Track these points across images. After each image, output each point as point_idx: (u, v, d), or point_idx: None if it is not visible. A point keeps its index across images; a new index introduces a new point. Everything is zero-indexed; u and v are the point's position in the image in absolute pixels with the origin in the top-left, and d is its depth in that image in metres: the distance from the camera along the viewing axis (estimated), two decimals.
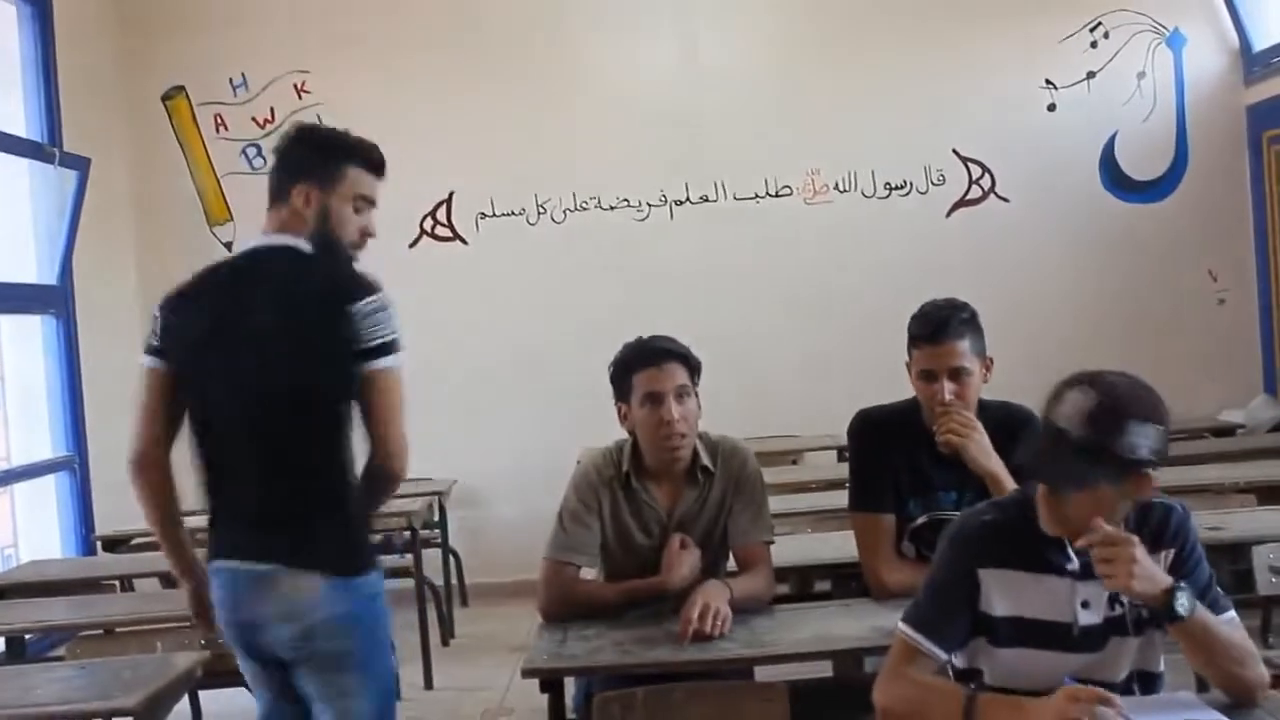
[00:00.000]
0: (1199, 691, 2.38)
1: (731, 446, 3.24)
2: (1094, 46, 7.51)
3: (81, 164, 6.52)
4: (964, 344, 3.01)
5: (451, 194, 7.51)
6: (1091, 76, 7.51)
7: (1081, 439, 2.12)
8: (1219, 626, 2.17)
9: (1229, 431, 6.99)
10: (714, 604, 2.84)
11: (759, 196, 7.52)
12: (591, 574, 3.33)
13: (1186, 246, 7.50)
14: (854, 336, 7.21)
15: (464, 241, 7.53)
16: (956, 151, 7.51)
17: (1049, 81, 7.51)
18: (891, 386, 3.33)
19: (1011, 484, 2.81)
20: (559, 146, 7.45)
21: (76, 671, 3.09)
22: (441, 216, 7.52)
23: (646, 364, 3.11)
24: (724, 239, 7.45)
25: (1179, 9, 7.51)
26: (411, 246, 7.49)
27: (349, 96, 7.35)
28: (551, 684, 2.81)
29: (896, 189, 7.53)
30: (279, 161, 3.00)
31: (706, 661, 2.72)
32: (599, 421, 3.31)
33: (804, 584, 3.72)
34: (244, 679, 2.92)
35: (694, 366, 3.15)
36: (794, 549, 3.81)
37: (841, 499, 3.30)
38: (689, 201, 7.51)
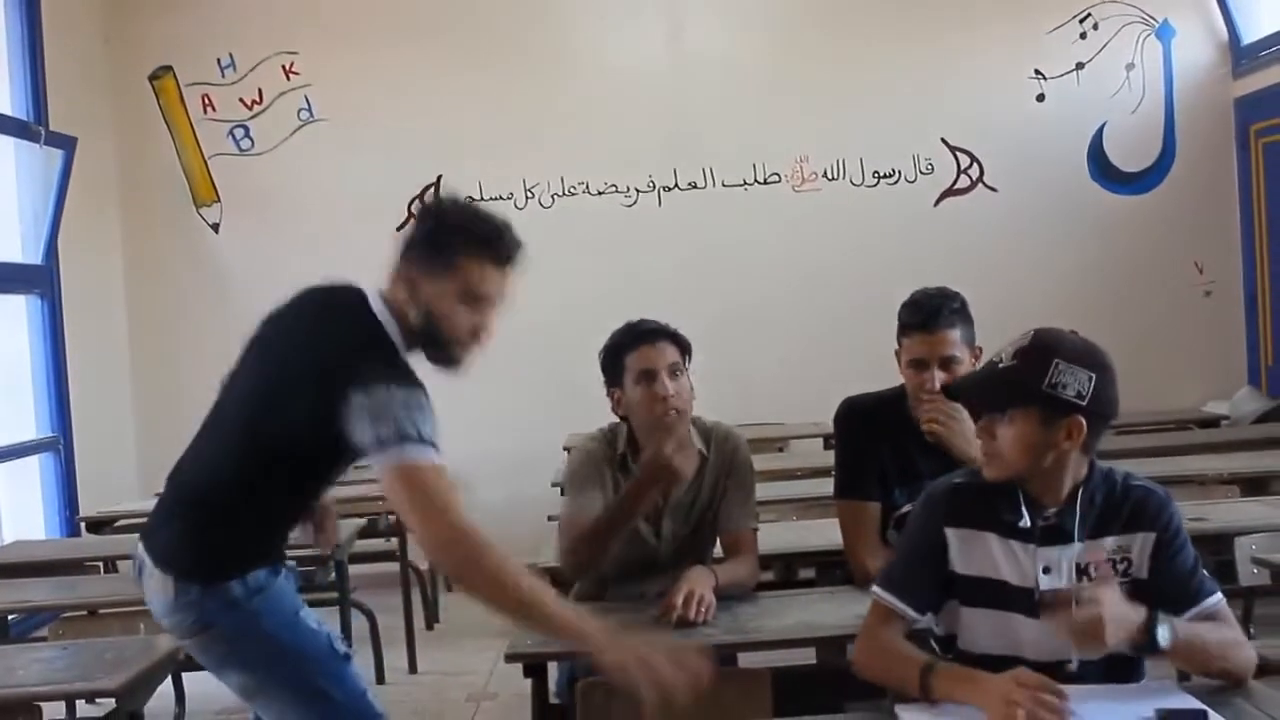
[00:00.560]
0: (1180, 681, 2.39)
1: (725, 432, 3.24)
2: (1083, 38, 7.52)
3: (68, 143, 6.49)
4: (955, 333, 3.01)
5: (439, 177, 7.48)
6: (1080, 68, 7.52)
7: (1007, 368, 2.21)
8: (1202, 635, 2.17)
9: (1213, 423, 7.02)
10: (699, 590, 2.84)
11: (747, 183, 7.52)
12: None
13: (1173, 238, 7.53)
14: (841, 324, 7.23)
15: None
16: (945, 141, 7.52)
17: (1038, 72, 7.52)
18: (879, 374, 3.33)
19: None
20: (547, 131, 7.43)
21: (59, 652, 3.08)
22: (429, 200, 7.49)
23: (638, 343, 3.09)
24: (712, 225, 7.45)
25: (1168, 1, 7.52)
26: (399, 230, 7.42)
27: (337, 78, 7.35)
28: (535, 669, 2.81)
29: (885, 178, 7.53)
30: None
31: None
32: (586, 407, 3.30)
33: (788, 571, 3.72)
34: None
35: (684, 346, 3.14)
36: (779, 536, 3.81)
37: (827, 487, 3.30)
38: (677, 188, 7.51)
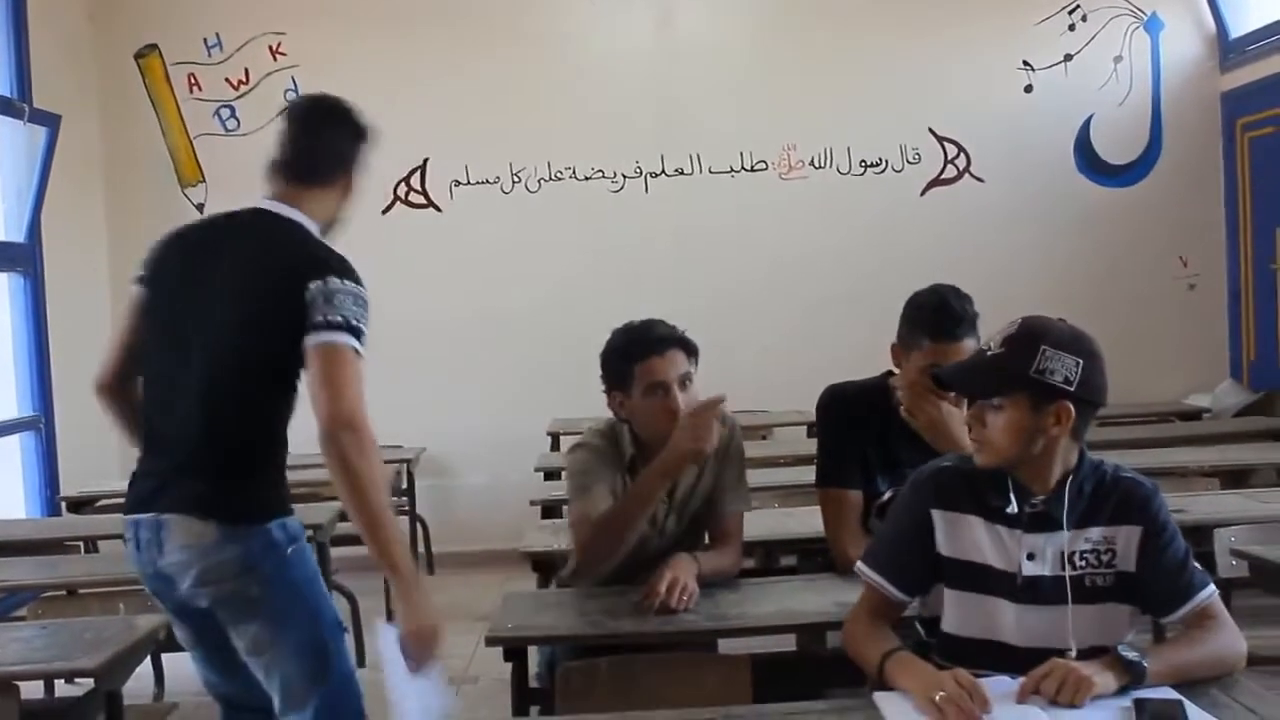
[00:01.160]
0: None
1: (721, 416, 3.16)
2: (1072, 29, 7.53)
3: (52, 121, 6.45)
4: (974, 341, 2.93)
5: (426, 160, 7.47)
6: (1069, 59, 7.53)
7: (996, 355, 2.24)
8: (1185, 651, 2.19)
9: (1195, 416, 7.06)
10: (682, 578, 2.84)
11: (734, 170, 7.51)
12: None
13: (1158, 231, 7.55)
14: (826, 312, 7.24)
15: (438, 209, 7.49)
16: (933, 130, 7.52)
17: (1026, 63, 7.52)
18: (863, 362, 3.32)
19: None
20: (535, 116, 7.41)
21: (38, 632, 3.07)
22: (415, 183, 7.48)
23: (648, 353, 3.02)
24: (698, 212, 7.44)
25: None
26: (385, 213, 7.45)
27: (324, 59, 7.30)
28: (515, 652, 2.81)
29: (872, 166, 7.53)
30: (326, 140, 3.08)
31: (670, 633, 2.73)
32: (569, 392, 3.31)
33: (769, 558, 3.73)
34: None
35: (692, 350, 3.10)
36: (761, 523, 3.81)
37: (810, 475, 3.29)
38: (664, 174, 7.50)
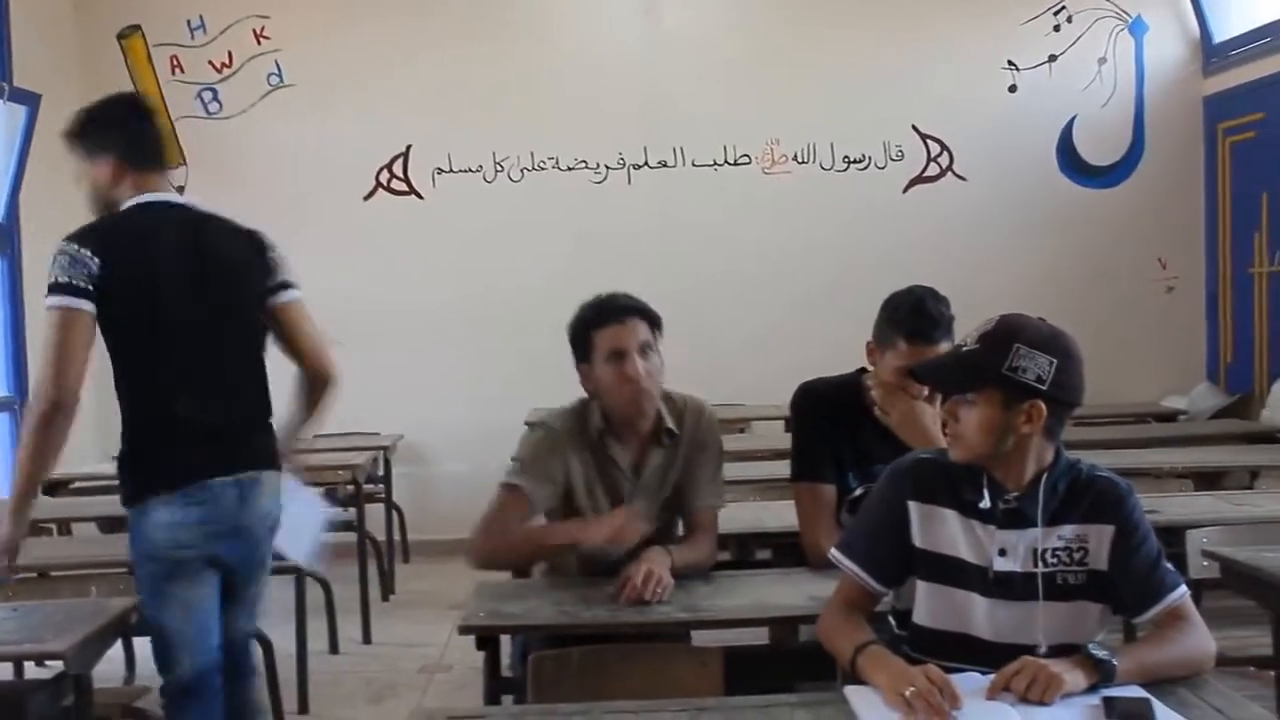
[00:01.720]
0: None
1: (697, 407, 3.20)
2: (1056, 30, 7.55)
3: (32, 100, 6.41)
4: (949, 344, 2.93)
5: (409, 148, 7.45)
6: (1053, 60, 7.55)
7: (970, 351, 2.26)
8: (1155, 651, 2.19)
9: (1171, 417, 7.09)
10: (657, 571, 2.84)
11: (717, 164, 7.51)
12: None
13: (1138, 233, 7.58)
14: (807, 307, 7.26)
15: (420, 196, 7.47)
16: (916, 128, 7.53)
17: (1011, 63, 7.54)
18: (844, 358, 3.33)
19: None
20: (519, 105, 7.39)
21: (8, 614, 3.05)
22: (398, 170, 7.45)
23: (608, 321, 3.04)
24: (681, 205, 7.44)
25: None
26: (366, 199, 7.43)
27: (308, 44, 7.29)
28: (488, 641, 2.81)
29: (855, 163, 7.54)
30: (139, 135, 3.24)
31: (643, 624, 2.73)
32: (548, 382, 3.31)
33: (744, 551, 3.73)
34: None
35: (655, 321, 3.10)
36: (737, 517, 3.81)
37: (787, 469, 3.30)
38: (647, 166, 7.49)
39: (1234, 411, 7.08)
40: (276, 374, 3.31)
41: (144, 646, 4.58)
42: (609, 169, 7.50)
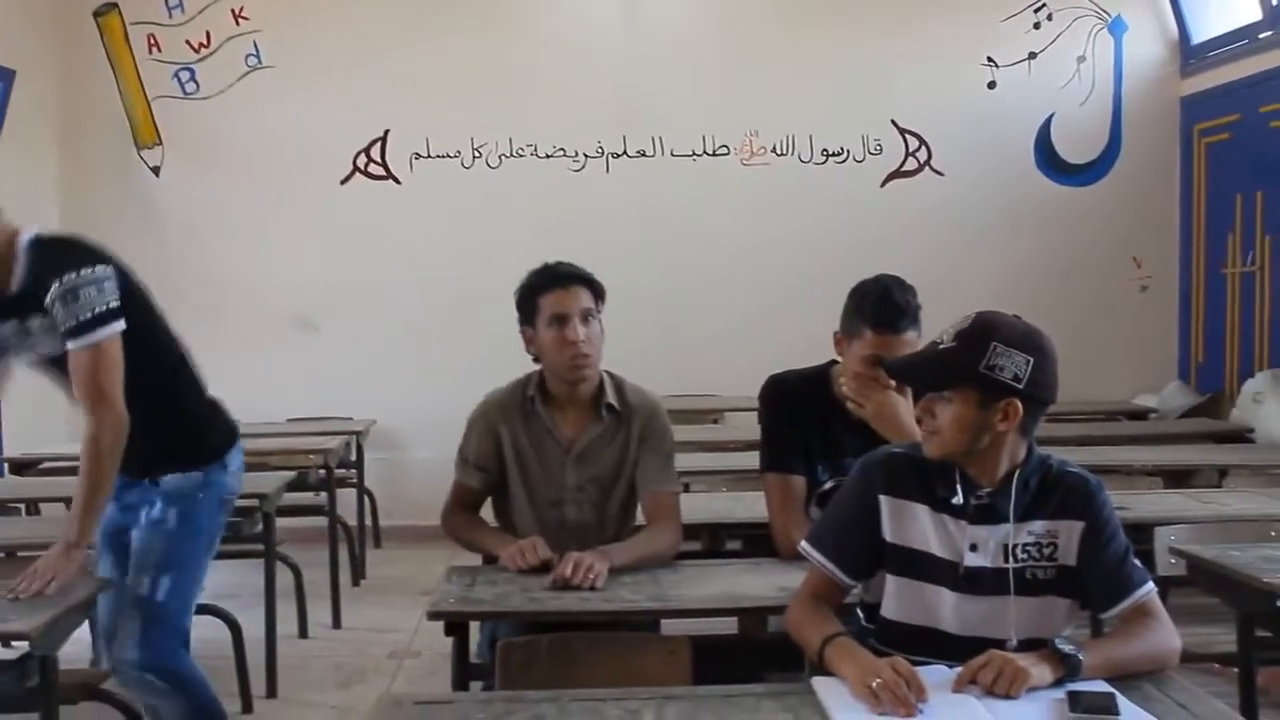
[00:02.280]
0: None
1: (640, 391, 3.26)
2: (1036, 28, 7.57)
3: (6, 75, 6.36)
4: (915, 334, 2.96)
5: (386, 132, 7.42)
6: (1033, 57, 7.57)
7: (947, 348, 2.26)
8: (1121, 647, 2.20)
9: (1142, 415, 7.13)
10: (588, 559, 2.84)
11: (696, 154, 7.51)
12: None
13: (1113, 232, 7.61)
14: (782, 299, 7.26)
15: (397, 181, 7.44)
16: (895, 122, 7.54)
17: (990, 59, 7.56)
18: (817, 351, 3.31)
19: None
20: (498, 91, 7.37)
21: None
22: (376, 155, 7.42)
23: (552, 286, 3.14)
24: (658, 194, 7.44)
25: None
26: (343, 183, 7.40)
27: (287, 26, 7.25)
28: (456, 627, 2.80)
29: (833, 156, 7.55)
30: None
31: (612, 613, 2.73)
32: (522, 369, 3.29)
33: (715, 542, 3.73)
34: None
35: (599, 292, 3.18)
36: (708, 507, 3.83)
37: (758, 460, 3.30)
38: (625, 155, 7.48)
39: (1204, 411, 7.13)
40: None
41: None
42: (587, 157, 7.48)
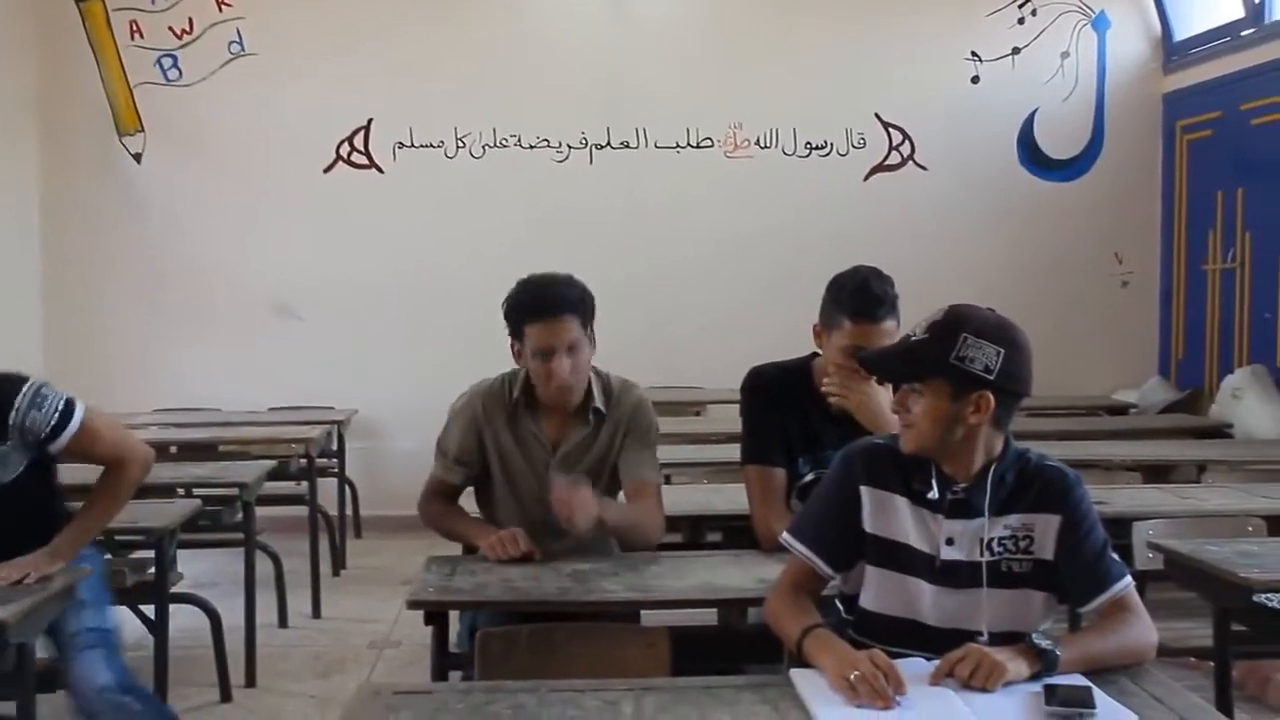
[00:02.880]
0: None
1: (625, 388, 3.25)
2: (1021, 23, 7.59)
3: None
4: (894, 324, 2.98)
5: (370, 121, 7.40)
6: (1016, 53, 7.58)
7: (919, 340, 2.27)
8: (1098, 641, 2.21)
9: (1122, 411, 7.16)
10: (583, 495, 2.87)
11: (680, 146, 7.51)
12: None
13: (1095, 228, 7.64)
14: (765, 291, 7.26)
15: (380, 170, 7.42)
16: (879, 116, 7.56)
17: (974, 54, 7.57)
18: (800, 343, 3.31)
19: None
20: (482, 81, 7.36)
21: None
22: (359, 143, 7.40)
23: (541, 317, 3.06)
24: (642, 185, 7.44)
25: None
26: (326, 172, 7.37)
27: (270, 13, 7.22)
28: (437, 617, 2.80)
29: (817, 149, 7.56)
30: None
31: (591, 603, 2.73)
32: (505, 362, 3.28)
33: (695, 533, 3.74)
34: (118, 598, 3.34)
35: (587, 311, 3.13)
36: (689, 499, 3.83)
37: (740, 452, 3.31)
38: (609, 146, 7.47)
39: (1184, 406, 7.16)
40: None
41: None
42: (571, 148, 7.48)
